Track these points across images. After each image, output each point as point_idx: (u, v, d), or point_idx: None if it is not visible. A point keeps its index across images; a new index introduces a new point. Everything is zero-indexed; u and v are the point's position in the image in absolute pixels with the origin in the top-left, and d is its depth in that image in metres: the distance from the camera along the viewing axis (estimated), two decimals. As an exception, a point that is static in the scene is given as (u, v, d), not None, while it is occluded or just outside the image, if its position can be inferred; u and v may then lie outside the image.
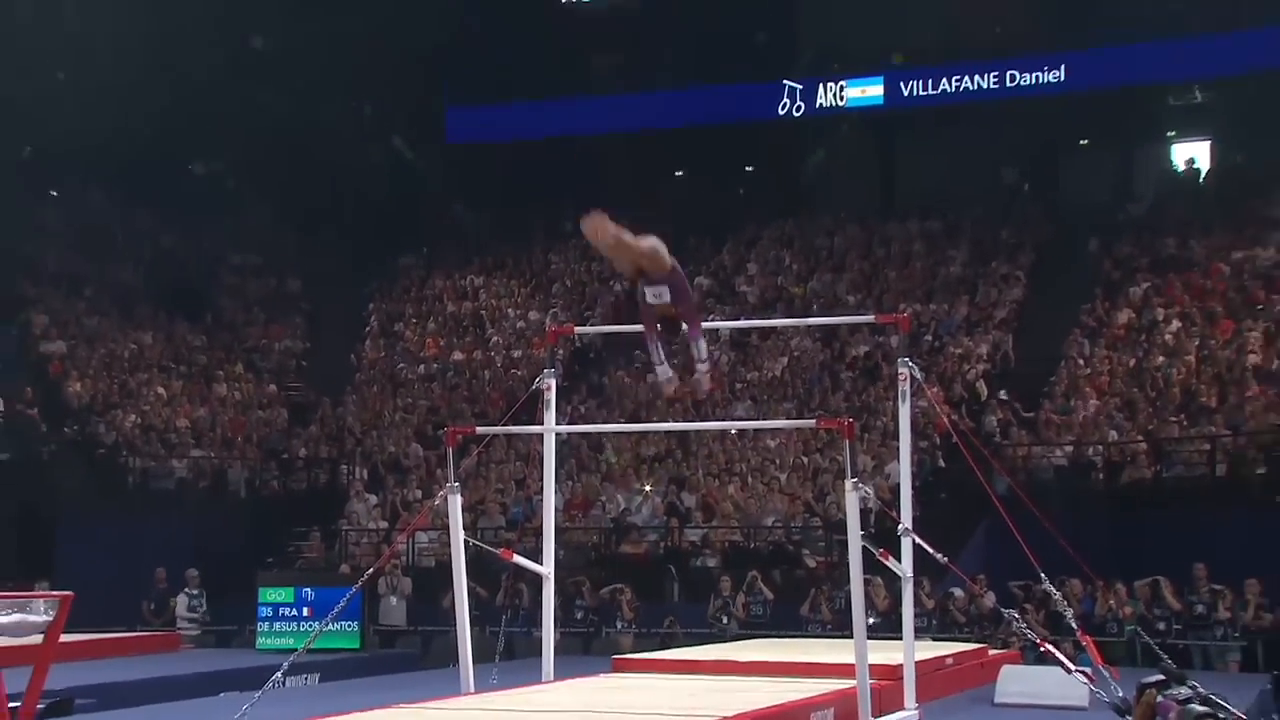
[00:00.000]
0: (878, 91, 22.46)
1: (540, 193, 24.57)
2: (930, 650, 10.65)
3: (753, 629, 14.01)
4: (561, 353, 18.50)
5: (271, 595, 14.34)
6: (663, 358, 7.18)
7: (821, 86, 22.55)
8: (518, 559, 9.57)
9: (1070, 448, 16.08)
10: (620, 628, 14.78)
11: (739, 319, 19.98)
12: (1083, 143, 23.90)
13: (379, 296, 23.91)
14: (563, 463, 16.05)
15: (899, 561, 8.65)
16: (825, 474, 16.25)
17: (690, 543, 16.18)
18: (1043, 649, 8.97)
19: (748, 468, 17.12)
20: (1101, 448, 15.94)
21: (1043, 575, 9.47)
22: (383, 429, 19.81)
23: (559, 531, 11.89)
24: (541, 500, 9.81)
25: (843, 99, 22.53)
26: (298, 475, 19.31)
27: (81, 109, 20.80)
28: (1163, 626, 13.04)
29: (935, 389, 15.91)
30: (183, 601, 15.51)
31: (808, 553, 15.51)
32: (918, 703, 8.79)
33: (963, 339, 18.88)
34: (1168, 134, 23.55)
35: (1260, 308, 17.59)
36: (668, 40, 24.01)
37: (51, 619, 5.79)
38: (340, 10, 22.57)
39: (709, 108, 23.35)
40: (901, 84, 22.30)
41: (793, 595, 14.70)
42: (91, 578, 14.08)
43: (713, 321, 13.93)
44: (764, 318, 20.01)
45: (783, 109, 22.73)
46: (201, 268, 23.56)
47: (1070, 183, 23.32)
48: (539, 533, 10.27)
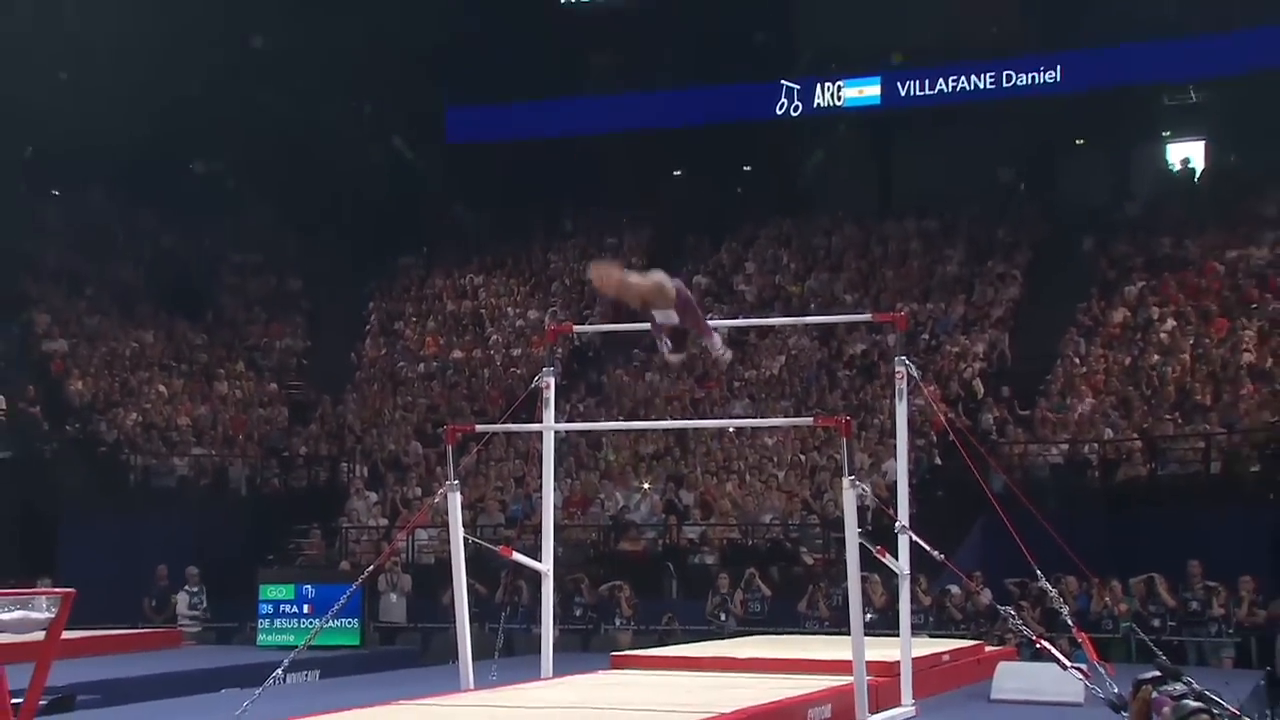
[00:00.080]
0: (875, 91, 22.52)
1: (539, 192, 24.62)
2: (927, 647, 10.66)
3: (751, 626, 14.05)
4: (560, 351, 18.55)
5: (272, 592, 14.36)
6: (670, 347, 7.43)
7: (819, 86, 22.61)
8: (517, 556, 9.63)
9: (1066, 446, 16.15)
10: (619, 625, 14.80)
11: (737, 318, 20.04)
12: (1079, 143, 23.98)
13: (379, 295, 23.95)
14: (562, 460, 16.09)
15: (896, 559, 8.71)
16: (823, 472, 16.31)
17: (689, 540, 16.24)
18: (1039, 646, 9.02)
19: (746, 465, 17.19)
20: (1097, 445, 16.00)
21: (1039, 572, 9.55)
22: (383, 427, 19.86)
23: (558, 529, 11.97)
24: (540, 498, 9.86)
25: (840, 99, 22.59)
26: (298, 473, 19.35)
27: (82, 109, 20.83)
28: (1158, 623, 13.08)
29: (932, 387, 15.98)
30: (183, 599, 15.54)
31: (805, 550, 15.56)
32: (914, 699, 8.83)
33: (959, 338, 18.95)
34: (1163, 134, 23.63)
35: (1254, 306, 17.66)
36: (666, 40, 24.07)
37: (53, 616, 5.83)
38: (340, 10, 22.61)
39: (707, 107, 23.40)
40: (898, 84, 22.37)
41: (790, 592, 14.74)
42: (93, 575, 14.12)
43: (710, 320, 13.93)
44: (762, 316, 20.08)
45: (780, 109, 22.80)
46: (202, 267, 23.59)
47: (1066, 182, 23.40)
48: (538, 530, 10.32)
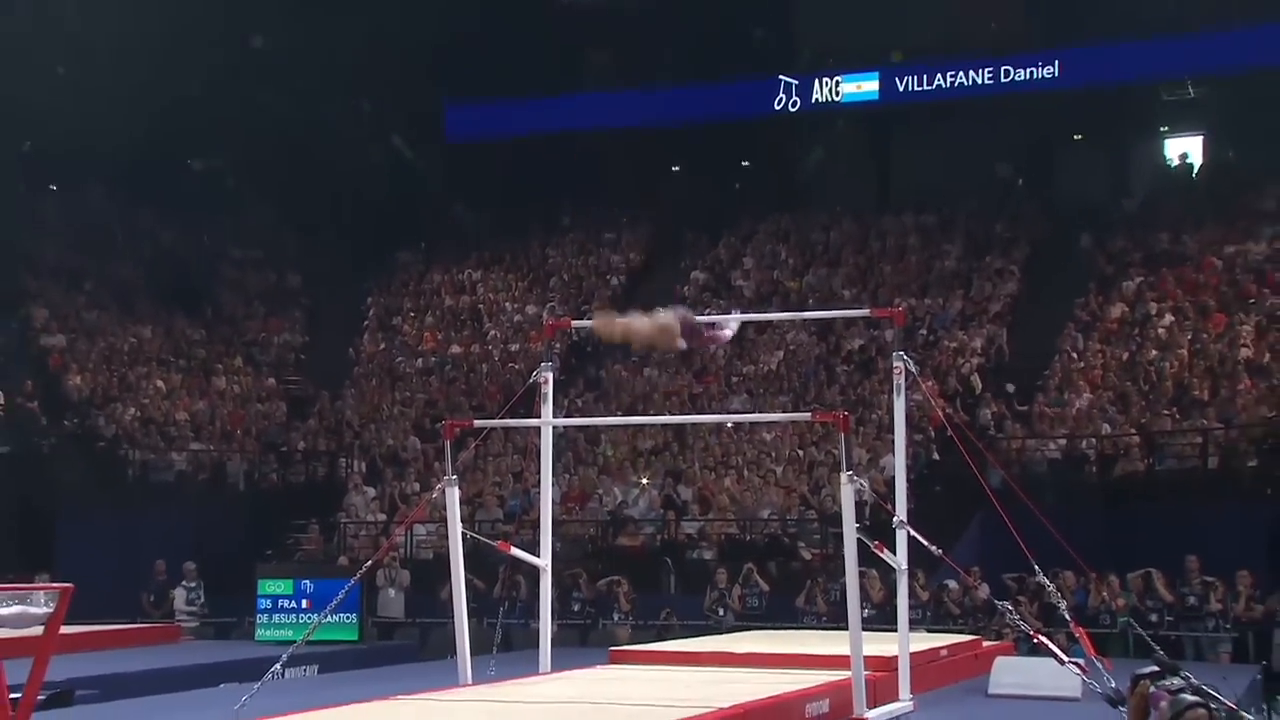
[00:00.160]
0: (873, 87, 22.50)
1: (538, 188, 24.62)
2: (924, 642, 10.65)
3: (749, 621, 14.07)
4: (559, 346, 18.54)
5: (270, 587, 14.35)
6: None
7: (817, 82, 22.59)
8: (515, 551, 9.63)
9: (1064, 441, 16.17)
10: (617, 620, 14.81)
11: (735, 313, 20.01)
12: (1077, 138, 23.97)
13: (377, 291, 23.96)
14: (560, 456, 16.09)
15: (894, 554, 8.71)
16: (821, 467, 16.32)
17: (687, 535, 16.26)
18: (1036, 640, 9.01)
19: (744, 461, 17.20)
20: (1095, 441, 16.02)
21: (1036, 567, 9.55)
22: (381, 422, 19.87)
23: (556, 524, 11.98)
24: (539, 493, 9.87)
25: (838, 95, 22.57)
26: (296, 468, 19.35)
27: (81, 105, 20.82)
28: (1155, 618, 13.10)
29: (930, 383, 15.99)
30: (180, 594, 15.55)
31: (803, 545, 15.57)
32: (912, 694, 8.84)
33: (957, 333, 18.96)
34: (1161, 130, 23.63)
35: (1252, 302, 17.68)
36: (664, 37, 24.04)
37: (52, 611, 5.83)
38: (339, 8, 22.58)
39: (705, 103, 23.38)
40: (897, 80, 22.34)
41: (788, 587, 14.75)
42: (91, 570, 14.14)
43: (708, 315, 13.95)
44: (760, 312, 20.08)
45: (778, 105, 22.77)
46: (201, 262, 23.59)
47: (1064, 178, 23.39)
48: (536, 525, 10.32)
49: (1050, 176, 23.58)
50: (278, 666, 8.85)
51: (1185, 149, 23.16)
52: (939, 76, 22.05)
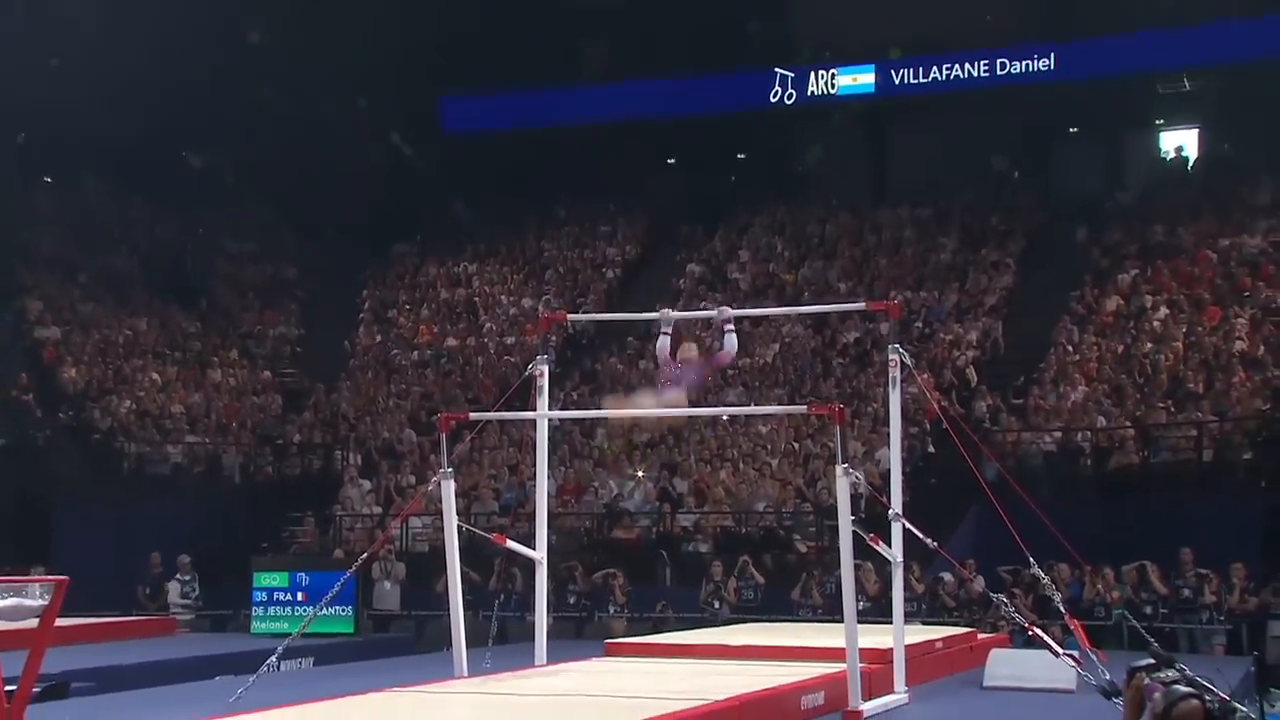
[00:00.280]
0: (869, 80, 22.49)
1: (533, 181, 24.59)
2: (920, 634, 10.68)
3: (744, 613, 14.08)
4: (554, 339, 18.52)
5: (266, 580, 14.35)
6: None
7: (813, 75, 22.58)
8: (511, 544, 9.64)
9: (1059, 434, 16.18)
10: (612, 612, 14.82)
11: (731, 306, 19.97)
12: (1072, 131, 23.97)
13: (373, 283, 23.93)
14: (555, 448, 16.09)
15: (889, 546, 8.72)
16: (816, 460, 16.32)
17: (682, 528, 16.26)
18: (1031, 633, 9.04)
19: (739, 453, 17.20)
20: (1090, 433, 16.03)
21: (1031, 560, 9.55)
22: (377, 415, 19.85)
23: (552, 517, 11.93)
24: (534, 485, 9.87)
25: (834, 87, 22.56)
26: (292, 461, 19.34)
27: (75, 97, 20.77)
28: (1149, 610, 13.11)
29: (925, 375, 15.98)
30: (174, 588, 15.52)
31: (799, 538, 15.57)
32: (907, 686, 8.86)
33: (953, 325, 18.96)
34: (1156, 122, 23.63)
35: (1247, 295, 17.68)
36: (660, 29, 23.99)
37: (47, 603, 5.81)
38: (334, 2, 22.52)
39: (701, 96, 23.35)
40: (892, 72, 22.33)
41: (784, 580, 14.76)
42: (87, 563, 14.14)
43: (704, 310, 13.94)
44: (756, 304, 20.05)
45: (774, 97, 22.75)
46: (196, 255, 23.55)
47: (1060, 170, 23.40)
48: (532, 518, 10.31)
49: (1046, 169, 23.59)
50: (273, 659, 8.87)
51: (1181, 142, 23.17)
52: (935, 69, 22.05)
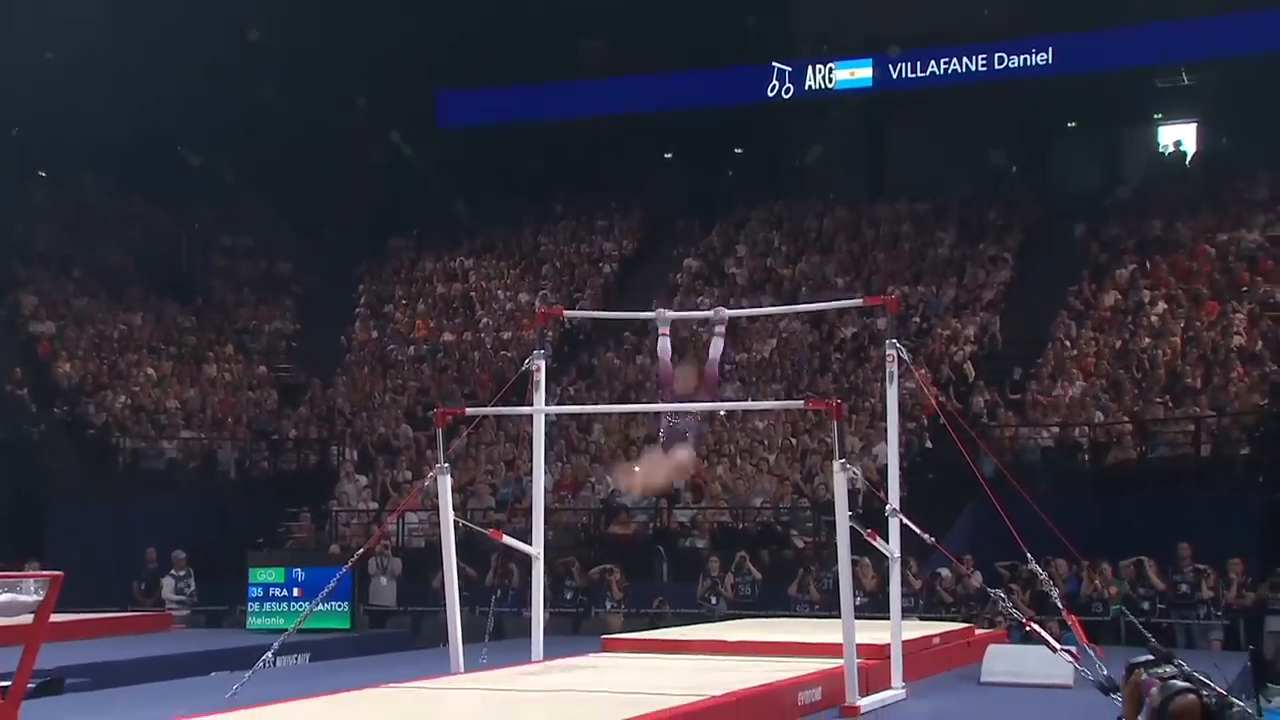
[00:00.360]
0: (867, 74, 22.44)
1: (530, 176, 24.52)
2: (917, 630, 10.66)
3: (741, 609, 14.05)
4: (551, 334, 18.52)
5: (262, 575, 14.28)
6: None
7: (810, 69, 22.53)
8: (507, 540, 9.61)
9: (1056, 429, 16.16)
10: (609, 608, 14.78)
11: (728, 301, 19.98)
12: (1071, 125, 23.93)
13: (369, 278, 23.87)
14: (552, 444, 16.04)
15: (886, 542, 8.69)
16: (813, 455, 16.30)
17: (679, 523, 16.23)
18: (1028, 628, 8.99)
19: (736, 449, 17.17)
20: (1087, 429, 16.00)
21: (1029, 555, 9.52)
22: (373, 410, 19.81)
23: (548, 512, 11.94)
24: (531, 481, 9.85)
25: (832, 81, 22.51)
26: (288, 456, 19.29)
27: (71, 91, 20.69)
28: (1147, 606, 13.09)
29: (923, 370, 15.97)
30: (169, 584, 15.45)
31: (796, 533, 15.55)
32: (904, 682, 8.84)
33: (950, 320, 18.93)
34: (1154, 117, 23.60)
35: (1245, 289, 17.66)
36: (657, 24, 23.92)
37: (42, 599, 5.78)
38: (330, -4, 22.49)
39: (698, 90, 23.30)
40: (890, 66, 22.28)
41: (781, 575, 14.73)
42: (82, 558, 14.09)
43: (702, 311, 13.96)
44: (753, 299, 20.04)
45: (772, 92, 22.70)
46: (192, 249, 23.48)
47: (1058, 165, 23.37)
48: (528, 513, 10.29)
49: (1044, 164, 23.56)
50: (269, 655, 8.86)
51: (1179, 136, 23.13)
52: (933, 63, 22.01)
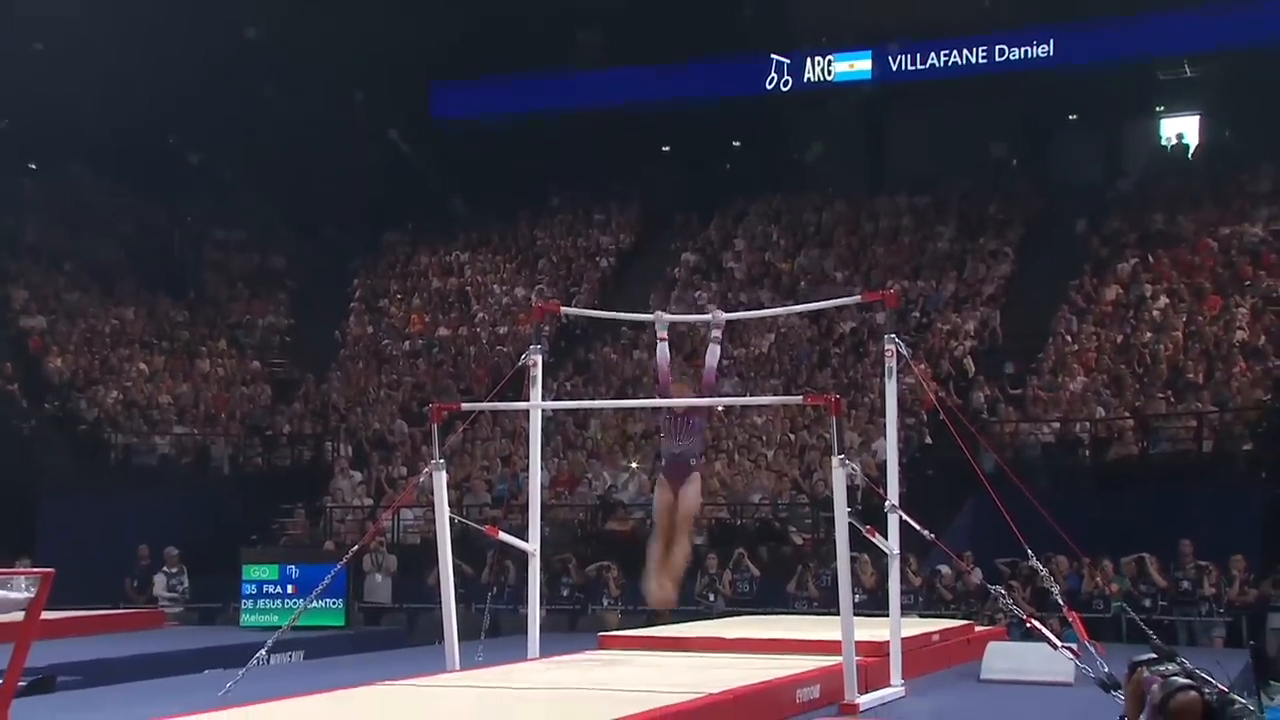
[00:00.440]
0: (866, 66, 22.31)
1: (526, 169, 24.41)
2: (916, 627, 10.59)
3: (739, 606, 13.97)
4: (547, 329, 18.39)
5: (255, 572, 14.18)
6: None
7: (809, 61, 22.40)
8: (503, 536, 9.52)
9: (1057, 424, 16.06)
10: (606, 605, 14.71)
11: (726, 295, 19.91)
12: (1071, 118, 23.79)
13: (364, 272, 23.76)
14: (549, 439, 15.95)
15: (885, 538, 8.60)
16: (812, 451, 16.21)
17: (677, 519, 16.10)
18: (1029, 625, 8.93)
19: (735, 445, 17.07)
20: (1089, 424, 15.92)
21: (1029, 552, 9.43)
22: (367, 405, 19.71)
23: (545, 508, 11.81)
24: (527, 477, 9.76)
25: (830, 74, 22.39)
26: (282, 452, 19.21)
27: (61, 82, 20.56)
28: (1148, 603, 13.03)
29: (922, 365, 15.88)
30: (160, 581, 15.38)
31: (794, 530, 15.49)
32: (904, 679, 8.76)
33: (950, 315, 18.83)
34: (1157, 109, 23.47)
35: (1248, 284, 17.57)
36: (654, 15, 23.80)
37: (32, 596, 5.69)
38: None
39: (695, 83, 23.18)
40: (890, 59, 22.14)
41: (779, 572, 14.66)
42: (73, 555, 14.00)
43: (700, 312, 13.92)
44: (751, 294, 19.94)
45: (770, 84, 22.58)
46: (184, 243, 23.36)
47: (1059, 158, 23.21)
48: (525, 510, 10.23)
49: (1045, 157, 23.42)
50: (263, 652, 8.80)
51: (1181, 129, 23.02)
52: (932, 55, 21.89)
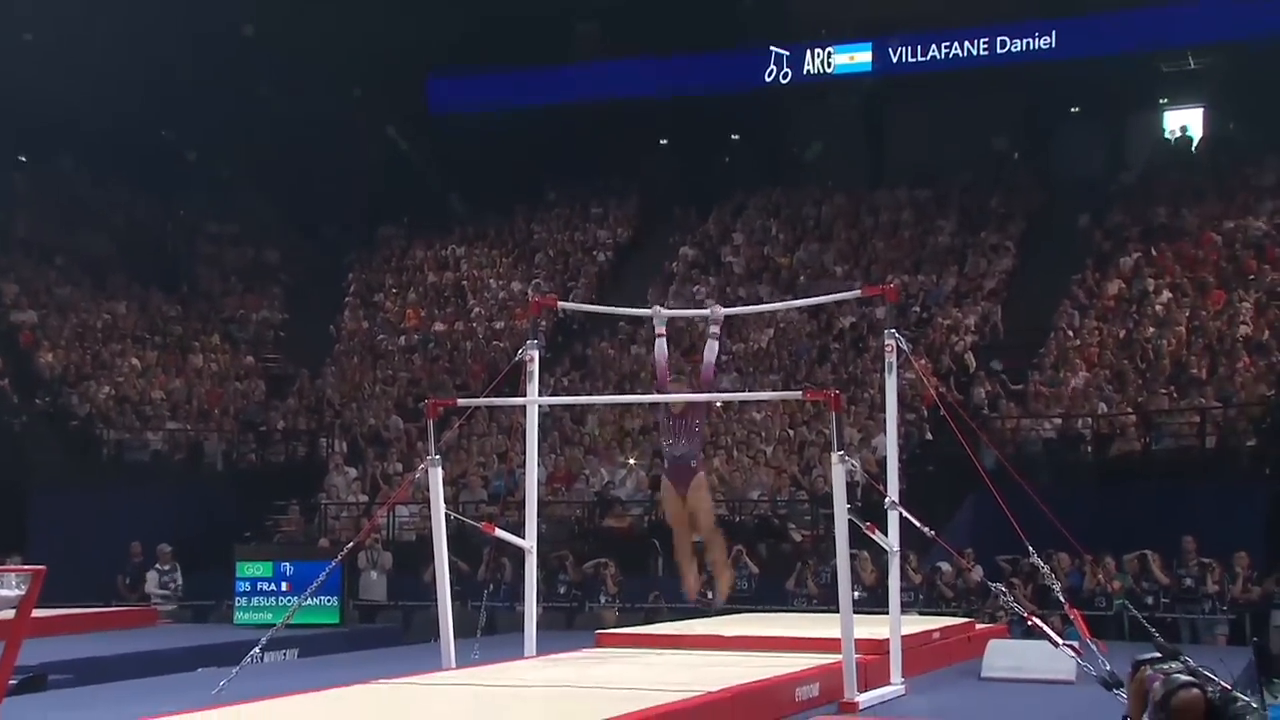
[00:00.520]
0: (866, 58, 22.16)
1: (523, 162, 24.30)
2: (917, 625, 10.58)
3: (738, 603, 13.85)
4: (544, 324, 18.29)
5: (249, 570, 14.12)
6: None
7: (808, 53, 22.25)
8: (500, 533, 9.49)
9: (1059, 420, 15.96)
10: (604, 602, 14.67)
11: (725, 289, 19.80)
12: (1074, 110, 23.64)
13: (358, 266, 23.65)
14: (545, 435, 15.90)
15: (885, 535, 8.55)
16: (811, 447, 16.11)
17: (675, 516, 16.01)
18: (1030, 623, 8.84)
19: (733, 440, 16.98)
20: (1091, 420, 15.83)
21: (1030, 549, 9.35)
22: (362, 401, 19.61)
23: (541, 505, 11.78)
24: (524, 473, 9.69)
25: (830, 66, 22.24)
26: (276, 448, 19.13)
27: (51, 74, 20.41)
28: (1151, 600, 12.98)
29: (923, 361, 15.80)
30: (153, 578, 15.30)
31: (793, 526, 15.41)
32: (904, 677, 8.72)
33: (951, 310, 18.72)
34: (1160, 102, 23.33)
35: (1252, 278, 17.46)
36: (652, 7, 23.65)
37: (24, 593, 5.62)
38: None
39: (694, 76, 23.06)
40: (890, 50, 22.00)
41: (778, 569, 14.60)
42: (65, 552, 13.96)
43: (698, 307, 13.81)
44: (750, 288, 19.84)
45: (769, 76, 22.44)
46: (177, 237, 23.24)
47: (1061, 151, 23.07)
48: (521, 506, 10.16)
49: (1046, 150, 23.27)
50: (257, 650, 8.81)
51: (1185, 122, 22.88)
52: (933, 47, 21.73)
